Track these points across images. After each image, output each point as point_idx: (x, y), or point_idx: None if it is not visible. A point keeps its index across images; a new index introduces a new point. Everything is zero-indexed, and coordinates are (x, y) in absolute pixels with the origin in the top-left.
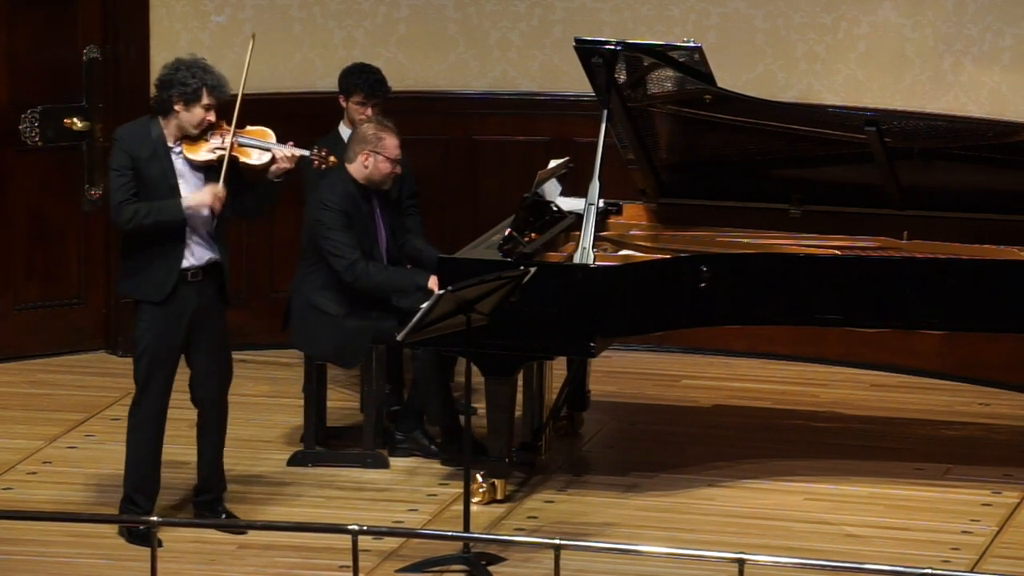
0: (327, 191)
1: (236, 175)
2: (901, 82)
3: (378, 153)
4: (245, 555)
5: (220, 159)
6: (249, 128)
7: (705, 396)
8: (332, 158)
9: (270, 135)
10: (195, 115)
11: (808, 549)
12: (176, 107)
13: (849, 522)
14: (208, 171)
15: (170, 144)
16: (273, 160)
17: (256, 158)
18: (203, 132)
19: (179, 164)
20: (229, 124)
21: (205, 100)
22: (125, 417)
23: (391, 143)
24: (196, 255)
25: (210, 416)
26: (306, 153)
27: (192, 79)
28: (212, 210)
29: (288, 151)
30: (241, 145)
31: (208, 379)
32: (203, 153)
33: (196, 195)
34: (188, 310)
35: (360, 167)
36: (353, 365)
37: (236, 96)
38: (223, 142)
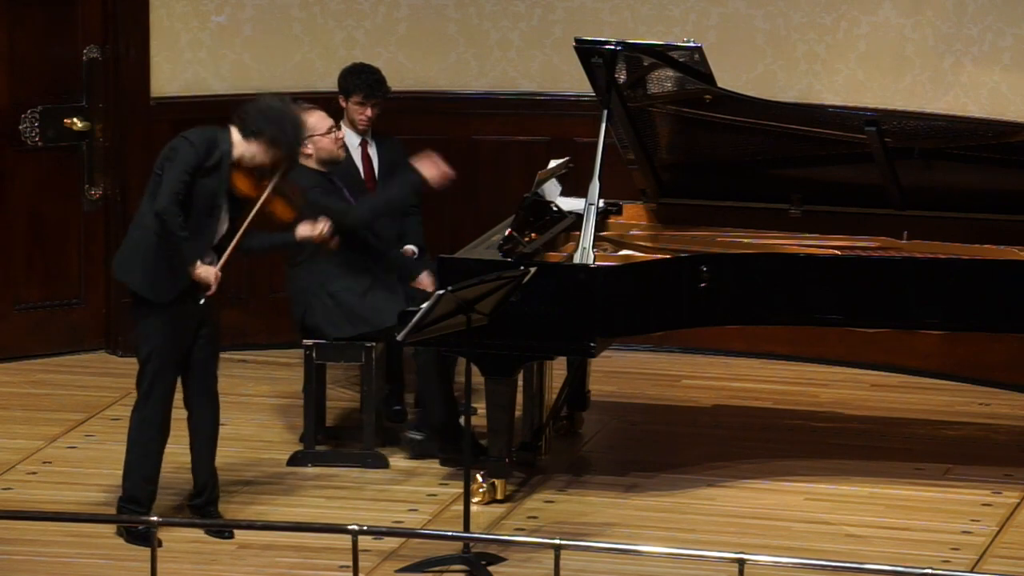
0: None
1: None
2: (901, 82)
3: (310, 136)
4: (245, 555)
5: (255, 198)
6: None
7: (705, 396)
8: (335, 241)
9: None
10: (263, 159)
11: (808, 549)
12: (259, 142)
13: (849, 522)
14: (235, 200)
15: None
16: (298, 221)
17: (284, 213)
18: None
19: None
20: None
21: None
22: (125, 417)
23: (314, 121)
24: (205, 260)
25: (204, 417)
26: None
27: (293, 139)
28: (205, 289)
29: (322, 226)
30: (278, 195)
31: (204, 380)
32: (247, 186)
33: (204, 269)
34: (195, 313)
35: (313, 159)
36: (387, 325)
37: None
38: (265, 184)
